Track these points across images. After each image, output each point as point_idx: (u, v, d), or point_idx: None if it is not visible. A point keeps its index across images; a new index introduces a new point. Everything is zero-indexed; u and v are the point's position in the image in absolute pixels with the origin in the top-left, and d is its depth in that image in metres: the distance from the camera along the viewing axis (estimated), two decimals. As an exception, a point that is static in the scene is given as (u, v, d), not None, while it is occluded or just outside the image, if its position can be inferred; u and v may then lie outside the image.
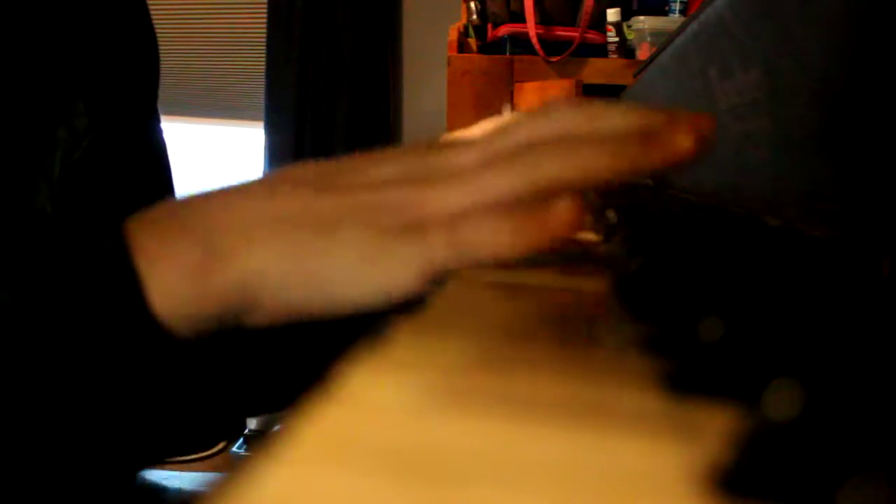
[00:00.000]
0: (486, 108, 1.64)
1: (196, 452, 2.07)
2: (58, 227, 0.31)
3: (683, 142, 0.28)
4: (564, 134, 0.31)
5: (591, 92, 1.65)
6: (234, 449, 2.04)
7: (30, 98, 0.47)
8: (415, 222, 0.29)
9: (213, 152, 2.88)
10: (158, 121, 0.63)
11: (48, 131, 0.48)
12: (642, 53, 1.67)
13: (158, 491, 0.64)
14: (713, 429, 0.16)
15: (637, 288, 0.28)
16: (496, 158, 0.30)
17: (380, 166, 0.32)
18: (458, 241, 0.28)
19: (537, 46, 1.72)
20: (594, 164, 0.29)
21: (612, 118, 0.30)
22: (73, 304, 0.28)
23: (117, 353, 0.28)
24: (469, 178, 0.30)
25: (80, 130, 0.50)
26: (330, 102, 2.38)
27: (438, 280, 0.29)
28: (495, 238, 0.28)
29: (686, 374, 0.19)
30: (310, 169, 0.32)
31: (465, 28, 1.83)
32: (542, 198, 0.28)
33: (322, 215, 0.30)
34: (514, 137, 0.31)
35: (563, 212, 0.28)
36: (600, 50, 1.76)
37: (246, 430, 2.01)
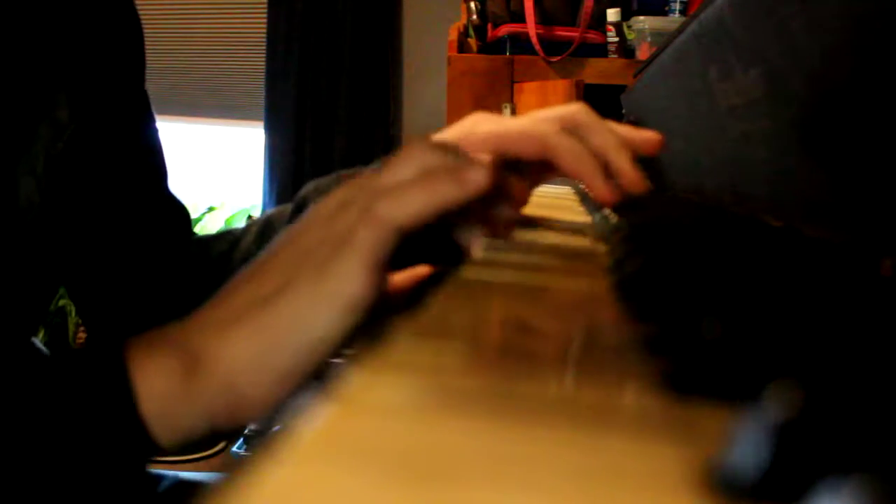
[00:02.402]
0: (486, 108, 1.63)
1: (196, 452, 2.07)
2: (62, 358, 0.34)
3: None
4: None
5: (592, 92, 1.65)
6: (234, 449, 2.04)
7: (9, 91, 0.47)
8: (345, 233, 0.32)
9: (213, 152, 2.88)
10: (153, 119, 0.63)
11: (30, 125, 0.48)
12: (642, 53, 1.67)
13: (156, 483, 0.64)
14: (713, 429, 0.16)
15: (637, 288, 0.28)
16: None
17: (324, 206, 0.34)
18: (378, 218, 0.31)
19: (537, 46, 1.72)
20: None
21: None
22: (73, 413, 0.30)
23: (101, 447, 0.31)
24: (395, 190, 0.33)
25: (62, 122, 0.50)
26: (330, 102, 2.38)
27: (387, 269, 0.32)
28: (409, 200, 0.31)
29: (686, 374, 0.19)
30: (260, 261, 0.35)
31: (465, 28, 1.83)
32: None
33: (269, 284, 0.32)
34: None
35: (471, 172, 0.32)
36: (600, 50, 1.76)
37: (246, 430, 2.01)
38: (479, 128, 0.49)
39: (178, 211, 0.66)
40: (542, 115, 0.47)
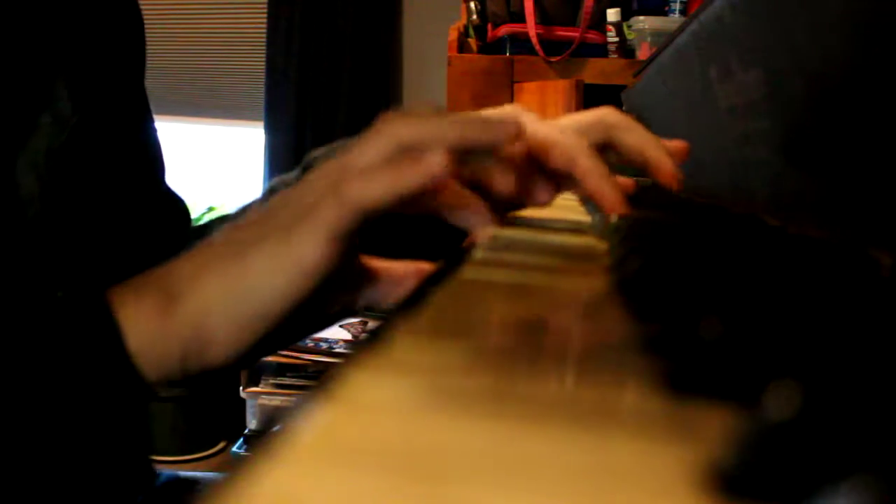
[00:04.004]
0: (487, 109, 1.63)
1: (196, 452, 2.07)
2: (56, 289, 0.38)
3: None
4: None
5: (592, 92, 1.65)
6: (234, 449, 2.04)
7: (10, 84, 0.47)
8: (313, 206, 0.35)
9: (213, 152, 2.87)
10: (151, 119, 0.63)
11: (31, 118, 0.48)
12: (642, 53, 1.67)
13: (154, 479, 0.64)
14: (713, 429, 0.16)
15: (637, 288, 0.28)
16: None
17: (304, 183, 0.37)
18: (343, 197, 0.34)
19: (537, 46, 1.72)
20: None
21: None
22: (65, 347, 0.33)
23: (95, 383, 0.33)
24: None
25: (65, 115, 0.50)
26: (330, 102, 2.38)
27: (345, 243, 0.34)
28: (373, 184, 0.33)
29: (686, 374, 0.19)
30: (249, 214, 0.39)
31: (465, 28, 1.83)
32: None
33: (242, 239, 0.36)
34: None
35: (431, 161, 0.33)
36: (600, 50, 1.76)
37: (246, 430, 2.01)
38: None
39: (177, 206, 0.66)
40: (572, 124, 0.47)
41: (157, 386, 0.35)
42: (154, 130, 0.64)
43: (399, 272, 0.43)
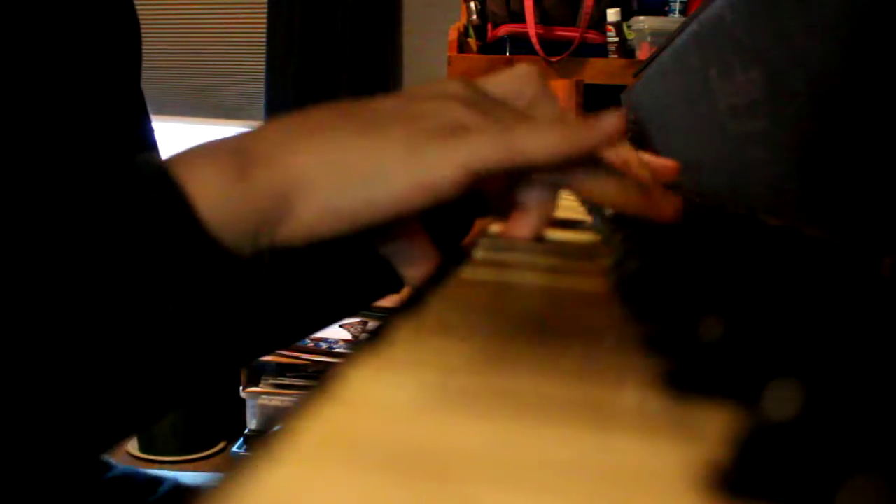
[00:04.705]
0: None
1: (196, 452, 2.07)
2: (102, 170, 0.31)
3: None
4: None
5: (592, 92, 1.65)
6: (234, 449, 2.04)
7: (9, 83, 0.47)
8: (460, 125, 0.31)
9: (213, 152, 2.88)
10: (148, 119, 0.63)
11: (23, 113, 0.47)
12: (642, 53, 1.67)
13: (154, 482, 0.64)
14: (713, 429, 0.16)
15: (637, 288, 0.28)
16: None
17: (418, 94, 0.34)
18: (509, 139, 0.30)
19: (537, 46, 1.72)
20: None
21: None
22: (124, 217, 0.27)
23: (169, 256, 0.28)
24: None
25: (55, 114, 0.49)
26: (330, 102, 2.38)
27: (481, 177, 0.31)
28: (544, 139, 0.31)
29: (686, 374, 0.19)
30: (340, 103, 0.34)
31: (465, 28, 1.83)
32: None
33: (363, 120, 0.31)
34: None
35: (607, 124, 0.31)
36: (600, 50, 1.75)
37: (246, 430, 2.01)
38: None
39: None
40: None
41: (240, 252, 0.30)
42: (151, 130, 0.64)
43: (427, 249, 0.40)
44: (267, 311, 0.49)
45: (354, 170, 0.30)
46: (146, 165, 0.29)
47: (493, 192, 0.44)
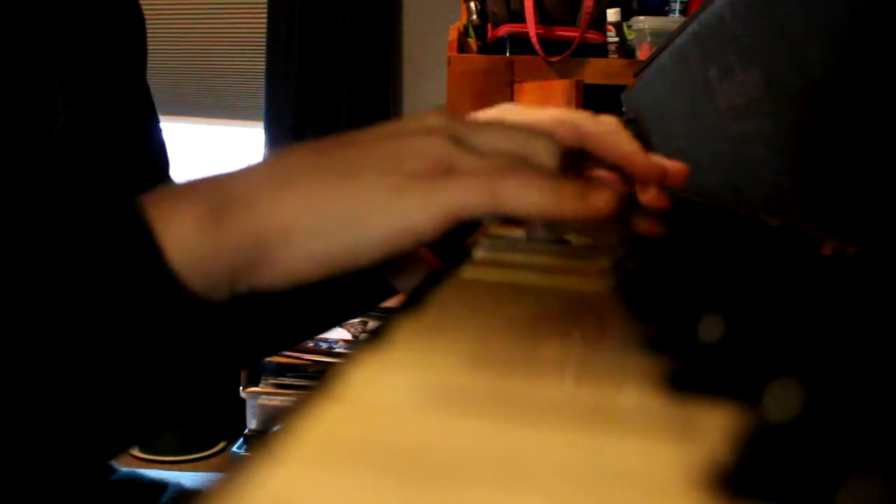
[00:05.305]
0: (486, 109, 1.63)
1: (196, 452, 2.07)
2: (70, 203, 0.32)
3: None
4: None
5: (592, 92, 1.65)
6: (234, 449, 2.04)
7: (8, 81, 0.47)
8: (445, 168, 0.30)
9: (213, 152, 2.88)
10: (156, 116, 0.63)
11: (23, 110, 0.47)
12: (642, 53, 1.67)
13: (158, 487, 0.64)
14: (713, 429, 0.16)
15: (637, 288, 0.28)
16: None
17: (397, 127, 0.32)
18: (495, 188, 0.29)
19: (537, 46, 1.72)
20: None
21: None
22: (91, 258, 0.28)
23: (135, 302, 0.28)
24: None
25: (58, 109, 0.49)
26: (330, 103, 2.38)
27: (464, 224, 0.30)
28: (534, 194, 0.29)
29: (686, 374, 0.19)
30: (321, 142, 0.33)
31: (465, 28, 1.83)
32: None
33: (345, 162, 0.31)
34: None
35: (602, 198, 0.29)
36: (600, 50, 1.75)
37: (246, 430, 2.01)
38: (507, 118, 0.47)
39: None
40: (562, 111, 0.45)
41: (206, 297, 0.30)
42: (158, 128, 0.63)
43: (417, 259, 0.41)
44: (261, 323, 0.49)
45: (335, 216, 0.30)
46: (123, 211, 0.29)
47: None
